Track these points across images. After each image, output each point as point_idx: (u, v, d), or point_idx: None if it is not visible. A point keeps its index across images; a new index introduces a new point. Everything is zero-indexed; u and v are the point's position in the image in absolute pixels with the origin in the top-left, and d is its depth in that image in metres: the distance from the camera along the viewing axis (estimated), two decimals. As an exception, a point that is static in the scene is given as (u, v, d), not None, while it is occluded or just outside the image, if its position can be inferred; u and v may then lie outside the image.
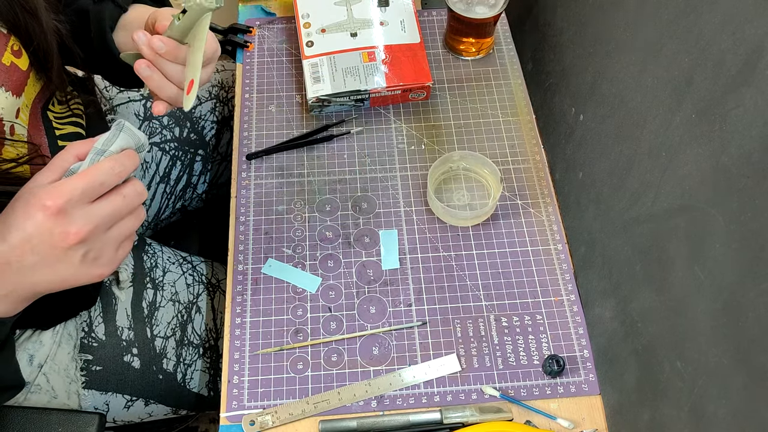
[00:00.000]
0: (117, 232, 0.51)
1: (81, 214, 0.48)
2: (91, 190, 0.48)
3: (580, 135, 0.75)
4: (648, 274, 0.59)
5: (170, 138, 0.94)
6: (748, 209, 0.44)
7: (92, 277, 0.51)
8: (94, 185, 0.48)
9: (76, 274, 0.50)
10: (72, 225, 0.47)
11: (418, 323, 0.74)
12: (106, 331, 0.77)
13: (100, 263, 0.50)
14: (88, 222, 0.48)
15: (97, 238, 0.49)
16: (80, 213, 0.48)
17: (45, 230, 0.47)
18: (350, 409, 0.69)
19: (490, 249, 0.79)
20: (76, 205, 0.48)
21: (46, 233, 0.47)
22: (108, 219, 0.49)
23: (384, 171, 0.86)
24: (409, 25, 0.92)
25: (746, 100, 0.44)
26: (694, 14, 0.50)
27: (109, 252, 0.51)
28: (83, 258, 0.49)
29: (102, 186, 0.49)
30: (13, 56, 0.59)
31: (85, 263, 0.49)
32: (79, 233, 0.47)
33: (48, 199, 0.47)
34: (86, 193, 0.48)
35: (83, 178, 0.48)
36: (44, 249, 0.48)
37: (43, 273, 0.49)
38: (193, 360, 0.83)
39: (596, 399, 0.70)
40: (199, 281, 0.87)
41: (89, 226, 0.48)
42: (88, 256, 0.49)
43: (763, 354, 0.43)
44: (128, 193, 0.51)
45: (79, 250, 0.48)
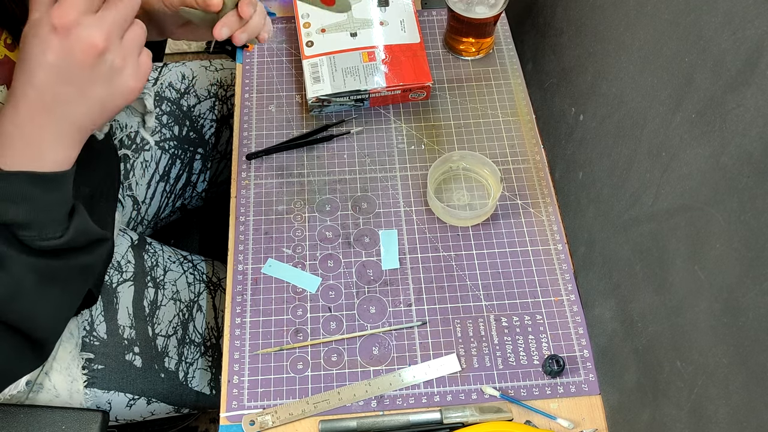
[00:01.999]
0: (130, 38, 0.51)
1: (92, 24, 0.47)
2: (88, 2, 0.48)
3: (580, 135, 0.75)
4: (648, 274, 0.59)
5: (170, 137, 0.94)
6: (748, 209, 0.44)
7: (127, 92, 0.51)
8: None
9: (112, 92, 0.50)
10: (89, 37, 0.47)
11: (418, 323, 0.74)
12: (107, 329, 0.77)
13: (128, 74, 0.51)
14: (101, 29, 0.48)
15: (116, 45, 0.49)
16: (91, 23, 0.47)
17: (66, 53, 0.47)
18: (350, 409, 0.69)
19: (490, 249, 0.79)
20: (85, 17, 0.47)
21: (68, 55, 0.47)
22: (118, 23, 0.49)
23: (384, 171, 0.86)
24: (409, 25, 0.92)
25: (746, 100, 0.44)
26: (694, 14, 0.50)
27: (132, 60, 0.51)
28: (111, 70, 0.49)
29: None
30: (6, 49, 0.59)
31: (114, 76, 0.50)
32: (99, 42, 0.47)
33: (56, 20, 0.46)
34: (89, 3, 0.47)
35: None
36: (73, 73, 0.48)
37: (81, 102, 0.49)
38: (194, 358, 0.83)
39: (596, 399, 0.70)
40: (199, 280, 0.87)
41: (105, 33, 0.48)
42: (114, 66, 0.49)
43: (763, 354, 0.43)
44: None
45: (105, 61, 0.49)
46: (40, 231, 0.52)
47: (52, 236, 0.53)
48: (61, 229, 0.54)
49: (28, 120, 0.49)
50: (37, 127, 0.50)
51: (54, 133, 0.50)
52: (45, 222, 0.52)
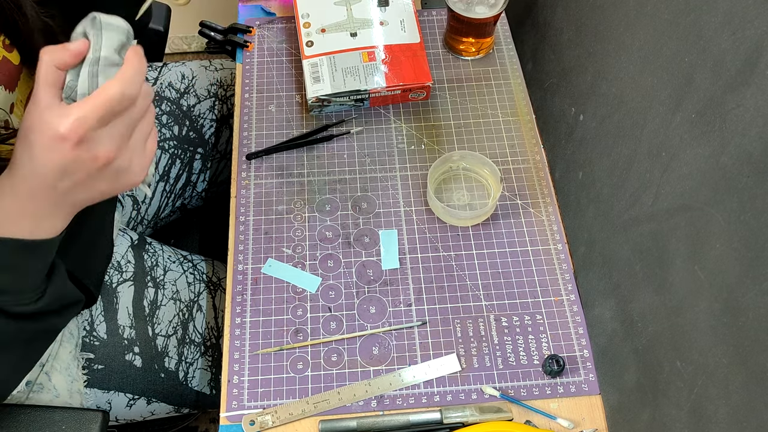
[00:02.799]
0: (138, 136, 0.52)
1: (103, 137, 0.48)
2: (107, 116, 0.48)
3: (580, 135, 0.76)
4: (648, 274, 0.59)
5: (169, 136, 0.94)
6: (748, 209, 0.44)
7: (131, 184, 0.53)
8: (108, 112, 0.48)
9: (114, 186, 0.52)
10: (98, 149, 0.48)
11: (418, 323, 0.74)
12: (107, 329, 0.77)
13: (134, 171, 0.52)
14: (111, 142, 0.49)
15: (124, 151, 0.50)
16: (101, 136, 0.48)
17: (72, 159, 0.48)
18: (350, 409, 0.69)
19: (490, 249, 0.79)
20: (96, 131, 0.48)
21: (75, 161, 0.48)
22: (128, 131, 0.50)
23: (384, 171, 0.86)
24: (409, 25, 0.92)
25: (746, 100, 0.44)
26: (694, 14, 0.50)
27: (138, 157, 0.52)
28: (117, 172, 0.51)
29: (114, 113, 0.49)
30: (4, 50, 0.59)
31: (120, 175, 0.51)
32: (108, 155, 0.49)
33: (65, 131, 0.47)
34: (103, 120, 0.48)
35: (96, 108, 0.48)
36: (77, 174, 0.49)
37: (83, 192, 0.51)
38: (194, 358, 0.83)
39: (596, 399, 0.70)
40: (199, 280, 0.87)
41: (114, 145, 0.49)
42: (121, 169, 0.51)
43: (763, 354, 0.43)
44: (138, 101, 0.51)
45: (112, 167, 0.50)
46: (17, 297, 0.53)
47: (27, 302, 0.53)
48: (37, 294, 0.54)
49: (28, 198, 0.50)
50: (35, 203, 0.50)
51: (51, 210, 0.51)
52: (23, 288, 0.53)
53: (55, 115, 0.47)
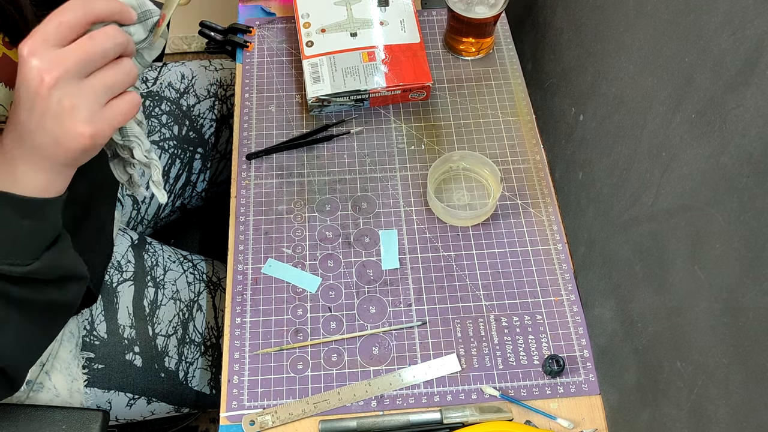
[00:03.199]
0: (97, 81, 0.49)
1: (46, 57, 0.47)
2: (51, 29, 0.47)
3: (580, 135, 0.76)
4: (648, 274, 0.59)
5: (169, 136, 0.95)
6: (748, 209, 0.44)
7: (75, 136, 0.48)
8: (53, 24, 0.47)
9: (62, 131, 0.48)
10: (38, 69, 0.46)
11: (418, 323, 0.74)
12: (107, 329, 0.77)
13: (79, 118, 0.48)
14: (52, 64, 0.47)
15: (70, 83, 0.47)
16: (49, 55, 0.47)
17: (23, 79, 0.47)
18: (350, 409, 0.69)
19: (490, 249, 0.79)
20: (45, 48, 0.47)
21: (24, 82, 0.47)
22: (78, 62, 0.47)
23: (384, 171, 0.86)
24: (409, 25, 0.92)
25: (746, 100, 0.44)
26: (694, 14, 0.50)
27: (89, 103, 0.48)
28: (59, 107, 0.47)
29: (62, 24, 0.47)
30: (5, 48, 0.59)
31: (62, 115, 0.48)
32: (45, 76, 0.46)
33: (22, 47, 0.47)
34: (48, 33, 0.47)
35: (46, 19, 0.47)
36: (30, 100, 0.47)
37: (39, 132, 0.48)
38: (194, 358, 0.83)
39: (596, 399, 0.70)
40: (199, 279, 0.87)
41: (55, 68, 0.46)
42: (63, 104, 0.47)
43: (763, 354, 0.43)
44: (95, 35, 0.48)
45: (54, 95, 0.47)
46: (5, 255, 0.51)
47: (16, 263, 0.52)
48: (29, 257, 0.53)
49: (9, 145, 0.50)
50: (12, 152, 0.50)
51: (25, 160, 0.50)
52: (11, 247, 0.52)
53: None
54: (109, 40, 0.49)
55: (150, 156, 0.59)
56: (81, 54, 0.48)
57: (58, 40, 0.47)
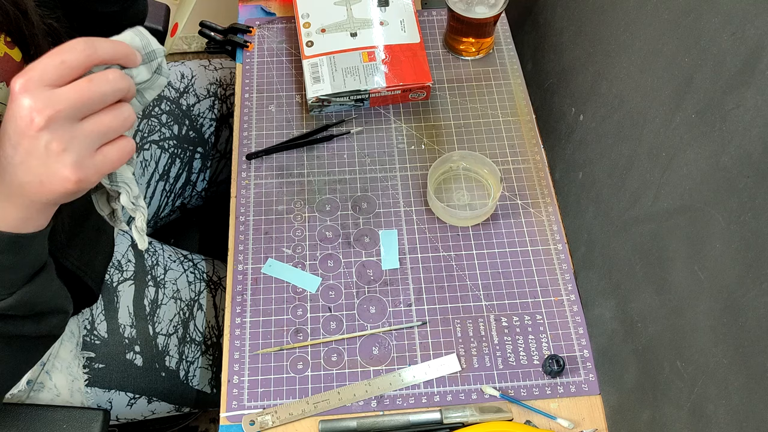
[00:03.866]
0: (91, 126, 0.46)
1: (43, 97, 0.44)
2: (50, 67, 0.45)
3: (580, 135, 0.76)
4: (648, 274, 0.59)
5: (169, 136, 0.95)
6: (748, 209, 0.44)
7: (60, 180, 0.46)
8: (53, 62, 0.45)
9: (47, 173, 0.46)
10: (29, 109, 0.44)
11: (418, 323, 0.74)
12: (108, 328, 0.77)
13: (66, 162, 0.45)
14: (45, 105, 0.44)
15: (62, 126, 0.45)
16: (42, 95, 0.44)
17: (11, 115, 0.45)
18: (350, 409, 0.69)
19: (490, 249, 0.79)
20: (40, 86, 0.44)
21: (12, 119, 0.45)
22: (73, 105, 0.45)
23: (384, 171, 0.86)
24: (409, 25, 0.92)
25: (746, 100, 0.44)
26: (694, 14, 0.50)
27: (79, 148, 0.46)
28: (47, 148, 0.45)
29: (63, 64, 0.45)
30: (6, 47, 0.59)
31: (50, 156, 0.45)
32: (35, 118, 0.44)
33: (16, 82, 0.44)
34: (46, 71, 0.44)
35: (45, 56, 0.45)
36: (15, 137, 0.45)
37: (22, 169, 0.46)
38: (195, 357, 0.83)
39: (596, 399, 0.70)
40: (200, 279, 0.87)
41: (46, 110, 0.44)
42: (51, 147, 0.45)
43: (763, 354, 0.43)
44: (95, 78, 0.46)
45: (42, 137, 0.44)
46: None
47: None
48: (3, 293, 0.51)
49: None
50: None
51: (4, 194, 0.48)
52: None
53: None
54: (109, 85, 0.47)
55: (137, 203, 0.55)
56: (77, 97, 0.45)
57: (55, 80, 0.45)
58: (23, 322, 0.55)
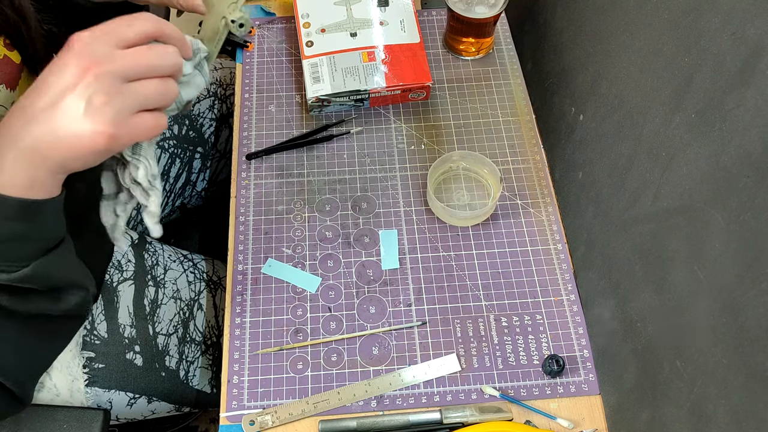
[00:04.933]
0: (138, 87, 0.47)
1: (104, 50, 0.46)
2: (118, 28, 0.47)
3: (580, 135, 0.76)
4: (648, 274, 0.59)
5: (169, 136, 0.95)
6: (747, 209, 0.44)
7: (93, 132, 0.45)
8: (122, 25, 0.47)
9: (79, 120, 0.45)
10: (91, 57, 0.45)
11: (418, 323, 0.74)
12: (108, 328, 0.77)
13: (107, 113, 0.45)
14: (107, 58, 0.45)
15: (113, 81, 0.46)
16: (104, 49, 0.46)
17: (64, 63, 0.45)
18: (350, 409, 0.69)
19: (490, 249, 0.80)
20: (105, 42, 0.46)
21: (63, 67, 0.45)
22: (130, 64, 0.46)
23: (384, 171, 0.86)
24: (408, 25, 0.92)
25: (746, 100, 0.44)
26: (694, 14, 0.50)
27: (122, 104, 0.46)
28: (90, 98, 0.45)
29: (130, 28, 0.47)
30: (5, 49, 0.59)
31: (91, 106, 0.45)
32: (97, 66, 0.45)
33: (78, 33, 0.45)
34: (113, 31, 0.46)
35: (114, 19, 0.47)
36: (60, 84, 0.45)
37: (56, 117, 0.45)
38: (195, 357, 0.83)
39: (596, 399, 0.70)
40: (200, 279, 0.87)
41: (108, 63, 0.45)
42: (95, 98, 0.45)
43: (762, 354, 0.43)
44: (156, 47, 0.48)
45: (89, 89, 0.45)
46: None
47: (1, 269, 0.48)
48: (16, 264, 0.48)
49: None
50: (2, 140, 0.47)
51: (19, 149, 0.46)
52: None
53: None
54: (167, 58, 0.49)
55: (154, 183, 0.55)
56: (136, 59, 0.47)
57: (119, 42, 0.47)
58: (39, 298, 0.53)
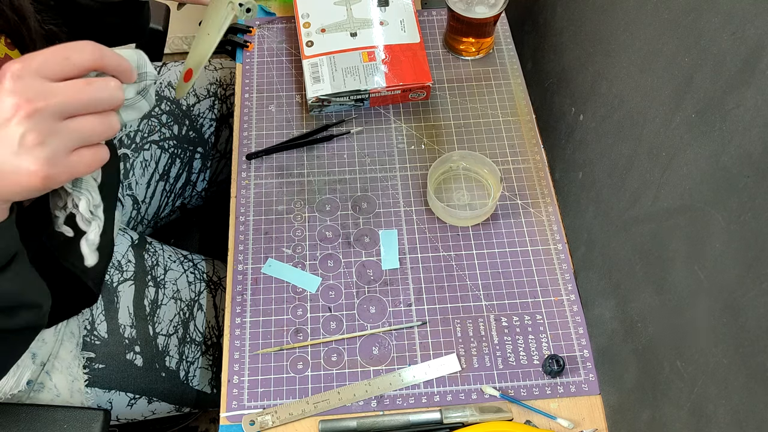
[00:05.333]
0: (75, 125, 0.45)
1: (36, 86, 0.43)
2: (53, 61, 0.44)
3: (580, 135, 0.76)
4: (648, 274, 0.59)
5: (169, 136, 0.95)
6: (748, 209, 0.44)
7: (29, 172, 0.43)
8: (57, 57, 0.44)
9: (15, 162, 0.43)
10: (23, 94, 0.43)
11: (418, 323, 0.74)
12: (108, 329, 0.77)
13: (40, 154, 0.43)
14: (40, 95, 0.43)
15: (46, 120, 0.43)
16: (36, 85, 0.43)
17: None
18: (350, 409, 0.69)
19: (490, 249, 0.79)
20: (35, 75, 0.43)
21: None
22: (64, 101, 0.44)
23: (384, 171, 0.86)
24: (409, 25, 0.92)
25: (746, 100, 0.44)
26: (694, 14, 0.50)
27: (57, 144, 0.44)
28: (22, 138, 0.43)
29: (66, 60, 0.44)
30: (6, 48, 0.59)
31: (23, 147, 0.43)
32: (29, 105, 0.42)
33: (9, 65, 0.43)
34: (47, 63, 0.44)
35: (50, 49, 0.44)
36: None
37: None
38: (195, 357, 0.83)
39: (596, 399, 0.70)
40: (200, 279, 0.87)
41: (40, 101, 0.43)
42: (27, 138, 0.43)
43: (763, 354, 0.43)
44: (95, 82, 0.45)
45: (22, 125, 0.43)
46: None
47: None
48: None
49: None
50: None
51: None
52: None
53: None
54: (107, 92, 0.46)
55: (96, 212, 0.53)
56: (72, 95, 0.44)
57: (54, 74, 0.44)
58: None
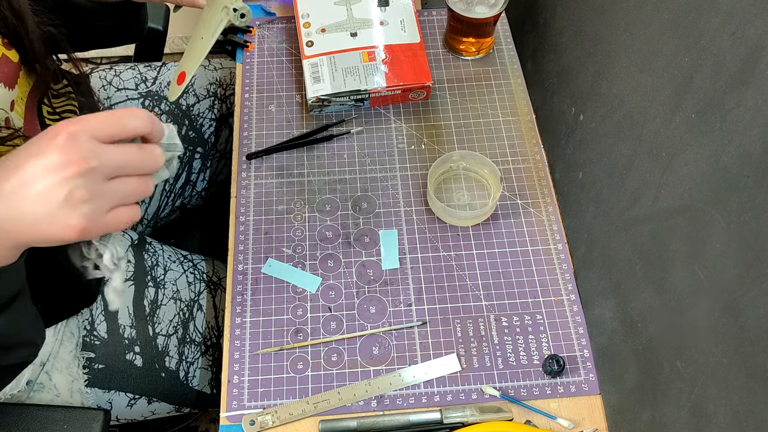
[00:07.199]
0: (118, 186, 0.47)
1: (91, 147, 0.45)
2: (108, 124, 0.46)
3: (580, 135, 0.76)
4: (648, 274, 0.59)
5: (170, 137, 0.94)
6: (748, 209, 0.44)
7: (66, 226, 0.45)
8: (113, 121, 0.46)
9: (56, 213, 0.45)
10: (77, 153, 0.44)
11: (418, 323, 0.74)
12: (108, 329, 0.77)
13: (83, 210, 0.45)
14: (94, 156, 0.45)
15: (95, 180, 0.45)
16: (91, 145, 0.45)
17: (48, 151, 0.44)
18: (350, 409, 0.69)
19: (490, 249, 0.79)
20: (90, 136, 0.45)
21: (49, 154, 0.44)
22: (115, 164, 0.46)
23: (384, 171, 0.86)
24: (409, 25, 0.92)
25: (746, 100, 0.44)
26: (694, 14, 0.50)
27: (99, 203, 0.46)
28: (70, 193, 0.44)
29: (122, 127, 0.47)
30: (4, 48, 0.59)
31: (69, 201, 0.44)
32: (83, 162, 0.44)
33: (65, 124, 0.45)
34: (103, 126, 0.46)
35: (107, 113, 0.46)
36: (41, 171, 0.44)
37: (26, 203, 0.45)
38: (195, 358, 0.83)
39: (596, 399, 0.70)
40: (200, 279, 0.87)
41: (94, 161, 0.45)
42: (75, 194, 0.44)
43: (763, 354, 0.43)
44: (146, 149, 0.48)
45: (70, 183, 0.44)
46: None
47: None
48: None
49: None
50: None
51: None
52: None
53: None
54: (153, 161, 0.49)
55: (119, 264, 0.55)
56: (123, 159, 0.47)
57: (106, 137, 0.46)
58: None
